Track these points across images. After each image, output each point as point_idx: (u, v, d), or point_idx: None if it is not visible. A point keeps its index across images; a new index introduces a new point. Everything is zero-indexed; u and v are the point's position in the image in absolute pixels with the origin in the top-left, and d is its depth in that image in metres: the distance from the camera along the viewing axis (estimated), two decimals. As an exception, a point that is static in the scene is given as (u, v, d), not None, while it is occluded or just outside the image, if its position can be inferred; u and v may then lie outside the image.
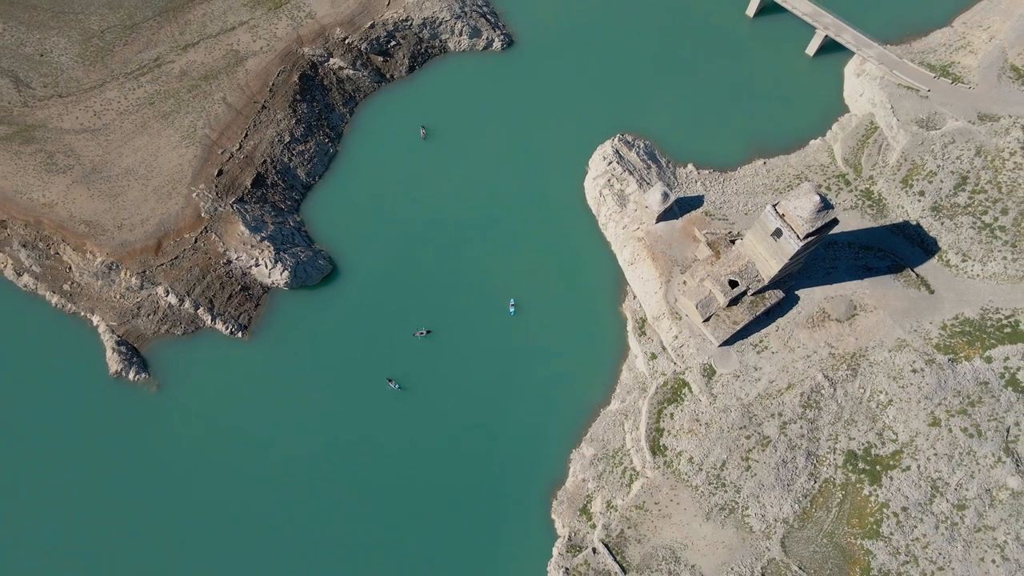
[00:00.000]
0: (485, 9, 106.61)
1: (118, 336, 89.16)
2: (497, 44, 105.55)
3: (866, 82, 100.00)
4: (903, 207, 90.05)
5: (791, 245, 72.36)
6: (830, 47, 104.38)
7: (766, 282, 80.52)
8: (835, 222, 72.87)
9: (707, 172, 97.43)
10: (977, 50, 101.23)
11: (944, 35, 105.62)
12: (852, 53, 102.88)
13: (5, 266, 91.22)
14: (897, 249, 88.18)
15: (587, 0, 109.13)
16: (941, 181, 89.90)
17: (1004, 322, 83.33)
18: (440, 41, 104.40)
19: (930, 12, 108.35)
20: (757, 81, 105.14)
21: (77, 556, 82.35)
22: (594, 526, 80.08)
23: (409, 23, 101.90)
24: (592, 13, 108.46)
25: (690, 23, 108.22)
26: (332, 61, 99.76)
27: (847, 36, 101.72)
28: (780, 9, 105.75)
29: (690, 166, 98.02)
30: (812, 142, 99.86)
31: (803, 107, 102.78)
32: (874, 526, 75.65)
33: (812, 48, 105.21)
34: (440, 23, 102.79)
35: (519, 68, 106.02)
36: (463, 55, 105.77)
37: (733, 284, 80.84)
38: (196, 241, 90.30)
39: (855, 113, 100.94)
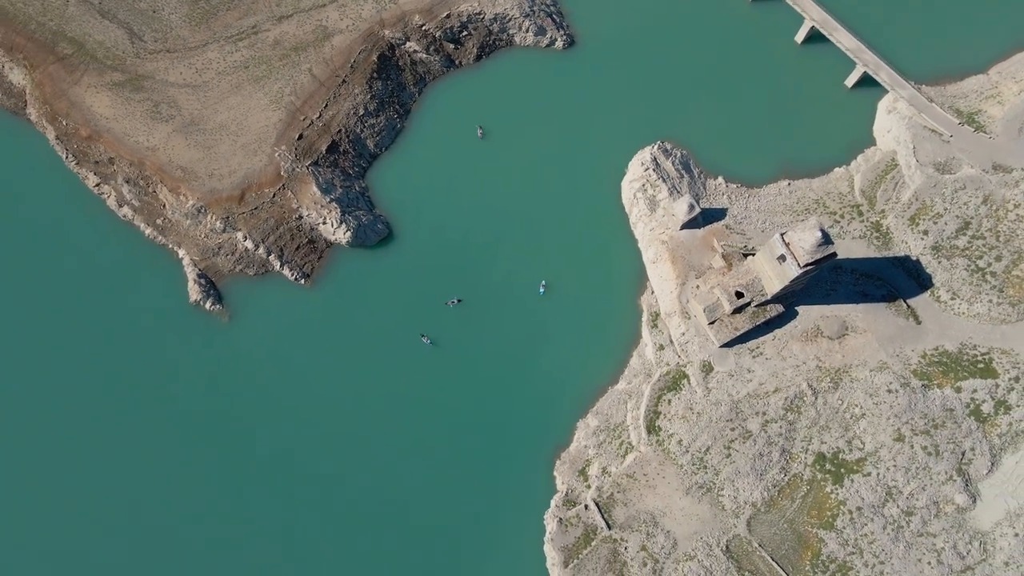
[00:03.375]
0: (552, 9, 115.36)
1: (199, 270, 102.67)
2: (559, 43, 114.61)
3: (895, 120, 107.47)
4: (907, 243, 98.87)
5: (791, 270, 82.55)
6: (868, 81, 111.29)
7: (768, 297, 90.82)
8: (834, 255, 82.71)
9: (734, 187, 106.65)
10: (1005, 101, 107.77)
11: (978, 82, 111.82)
12: (887, 90, 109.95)
13: (109, 196, 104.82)
14: (895, 280, 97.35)
15: (649, 13, 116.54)
16: (945, 223, 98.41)
17: (979, 358, 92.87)
18: (508, 35, 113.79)
19: (970, 57, 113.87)
20: (795, 105, 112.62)
21: (142, 456, 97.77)
22: (589, 486, 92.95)
23: (481, 16, 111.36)
24: (651, 24, 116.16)
25: (740, 44, 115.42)
26: (408, 45, 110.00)
27: (884, 74, 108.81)
28: (826, 40, 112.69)
29: (720, 179, 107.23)
30: (836, 170, 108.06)
31: (833, 135, 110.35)
32: (830, 519, 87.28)
33: (851, 80, 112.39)
34: (510, 19, 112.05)
35: (576, 68, 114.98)
36: (527, 50, 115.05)
37: (739, 295, 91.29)
38: (274, 196, 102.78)
39: (880, 148, 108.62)
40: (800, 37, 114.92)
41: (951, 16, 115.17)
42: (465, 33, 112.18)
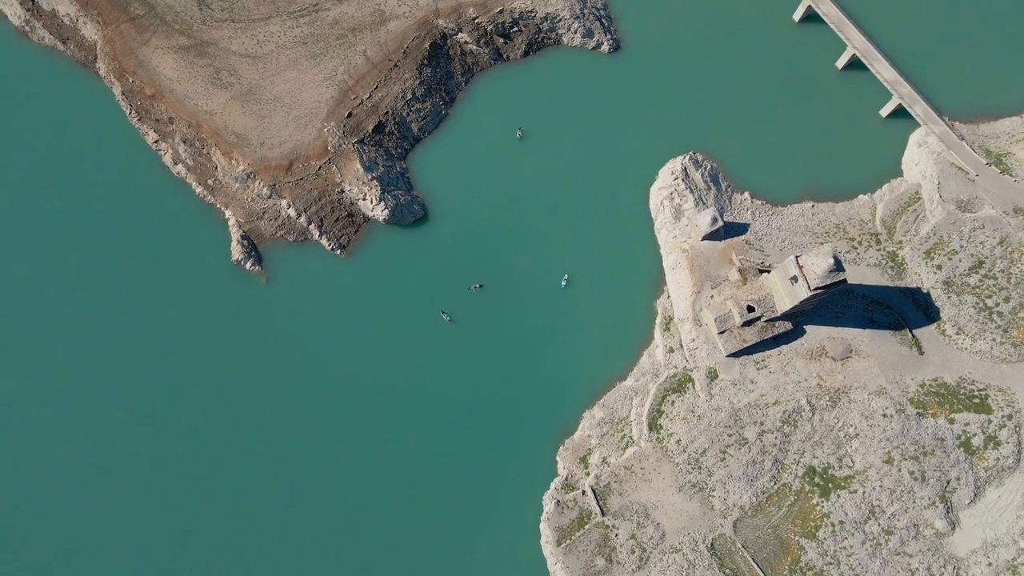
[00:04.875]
0: (602, 13, 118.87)
1: (243, 231, 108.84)
2: (605, 47, 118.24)
3: (924, 154, 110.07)
4: (919, 275, 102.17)
5: (801, 292, 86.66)
6: (902, 113, 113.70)
7: (778, 314, 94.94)
8: (843, 282, 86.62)
9: (759, 203, 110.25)
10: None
11: (1011, 124, 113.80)
12: (920, 124, 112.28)
13: (166, 153, 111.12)
14: (903, 310, 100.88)
15: (696, 24, 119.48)
16: (959, 260, 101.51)
17: (975, 393, 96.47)
18: (556, 34, 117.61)
19: (1006, 99, 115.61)
20: (828, 129, 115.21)
21: (169, 398, 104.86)
22: (588, 474, 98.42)
23: (533, 15, 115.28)
24: (697, 36, 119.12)
25: (782, 63, 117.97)
26: (460, 35, 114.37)
27: (918, 109, 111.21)
28: (866, 68, 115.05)
29: (746, 194, 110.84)
30: (860, 197, 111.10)
31: (862, 163, 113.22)
32: (813, 529, 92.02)
33: (886, 111, 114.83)
34: (560, 19, 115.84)
35: (619, 72, 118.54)
36: (573, 50, 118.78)
37: (751, 309, 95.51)
38: (319, 169, 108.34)
39: (906, 179, 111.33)
40: (841, 63, 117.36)
41: (992, 57, 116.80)
42: (515, 29, 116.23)
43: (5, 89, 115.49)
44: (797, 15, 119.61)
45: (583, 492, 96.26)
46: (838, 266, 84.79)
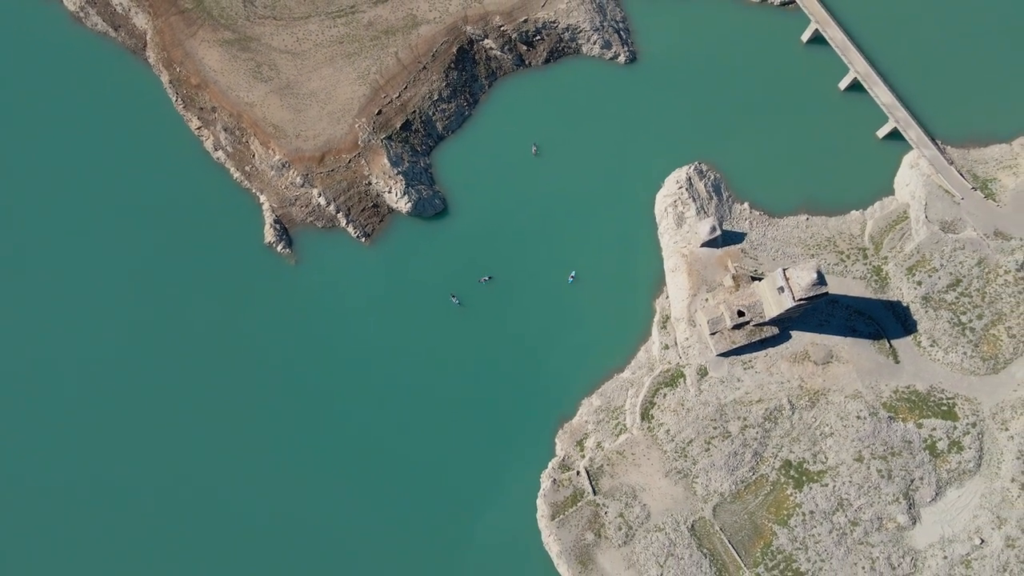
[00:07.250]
0: (621, 26, 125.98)
1: (276, 216, 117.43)
2: (622, 58, 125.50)
3: (915, 176, 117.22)
4: (901, 289, 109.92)
5: (787, 301, 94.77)
6: (897, 135, 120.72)
7: (766, 319, 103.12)
8: (825, 295, 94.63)
9: (758, 214, 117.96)
10: (1021, 173, 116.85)
11: (1000, 151, 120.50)
12: (913, 147, 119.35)
13: (207, 140, 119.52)
14: (883, 321, 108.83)
15: (709, 41, 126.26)
16: (939, 278, 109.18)
17: (944, 402, 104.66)
18: (576, 44, 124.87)
19: (998, 126, 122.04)
20: (827, 147, 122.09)
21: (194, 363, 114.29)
22: (583, 456, 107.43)
23: (556, 25, 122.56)
24: (709, 52, 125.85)
25: (787, 82, 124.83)
26: (486, 41, 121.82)
27: (912, 133, 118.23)
28: (867, 91, 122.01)
29: (746, 204, 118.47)
30: (852, 212, 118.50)
31: (857, 180, 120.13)
32: (785, 517, 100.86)
33: (882, 132, 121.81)
34: (580, 31, 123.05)
35: (633, 82, 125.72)
36: (591, 60, 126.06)
37: (741, 314, 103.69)
38: (349, 162, 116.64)
39: (897, 198, 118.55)
40: (843, 84, 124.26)
41: (986, 86, 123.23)
42: (538, 37, 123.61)
43: (59, 72, 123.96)
44: (805, 37, 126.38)
45: (577, 472, 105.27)
46: (821, 280, 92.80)
